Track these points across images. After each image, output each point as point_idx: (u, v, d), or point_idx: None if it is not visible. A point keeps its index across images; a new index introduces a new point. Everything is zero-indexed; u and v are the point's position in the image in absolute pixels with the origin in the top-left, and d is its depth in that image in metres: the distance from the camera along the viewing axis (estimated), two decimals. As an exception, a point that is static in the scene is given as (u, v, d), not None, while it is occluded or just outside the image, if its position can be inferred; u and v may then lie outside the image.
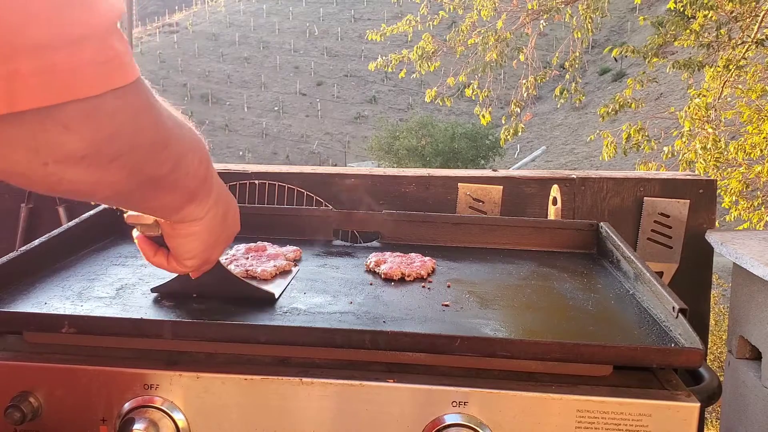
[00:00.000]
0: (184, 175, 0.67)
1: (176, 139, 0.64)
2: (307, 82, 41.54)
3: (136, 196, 0.65)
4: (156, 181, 0.64)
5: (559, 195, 1.58)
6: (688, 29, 5.90)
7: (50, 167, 0.51)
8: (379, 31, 6.99)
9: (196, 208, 0.74)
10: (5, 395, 0.86)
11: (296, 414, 0.85)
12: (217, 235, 0.80)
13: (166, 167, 0.63)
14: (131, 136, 0.56)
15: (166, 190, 0.67)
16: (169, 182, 0.66)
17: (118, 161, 0.56)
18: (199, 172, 0.69)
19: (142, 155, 0.59)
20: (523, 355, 0.86)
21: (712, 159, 5.33)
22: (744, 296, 1.61)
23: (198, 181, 0.70)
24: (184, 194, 0.71)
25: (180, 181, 0.67)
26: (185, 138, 0.66)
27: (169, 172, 0.64)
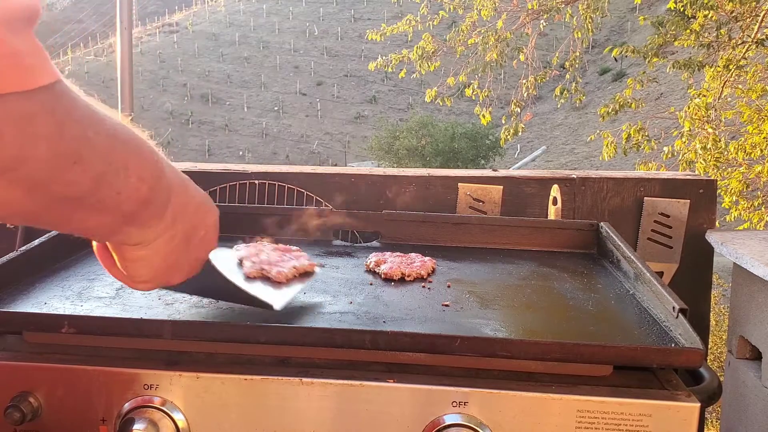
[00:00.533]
0: (113, 195, 0.59)
1: (98, 153, 0.55)
2: (307, 82, 41.55)
3: (49, 217, 0.58)
4: (72, 201, 0.56)
5: (559, 195, 1.58)
6: (688, 29, 5.90)
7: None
8: (379, 31, 6.99)
9: (138, 231, 0.66)
10: (5, 395, 0.86)
11: (296, 414, 0.85)
12: (175, 259, 0.72)
13: (83, 186, 0.55)
14: (18, 148, 0.48)
15: (89, 212, 0.59)
16: (91, 203, 0.57)
17: (4, 176, 0.49)
18: (138, 192, 0.61)
19: (42, 170, 0.51)
20: (523, 355, 0.86)
21: (712, 159, 5.33)
22: (744, 296, 1.61)
23: (136, 202, 0.62)
24: (117, 217, 0.62)
25: (107, 202, 0.59)
26: (115, 152, 0.58)
27: (89, 192, 0.56)
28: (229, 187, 1.71)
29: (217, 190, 1.70)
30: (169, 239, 0.69)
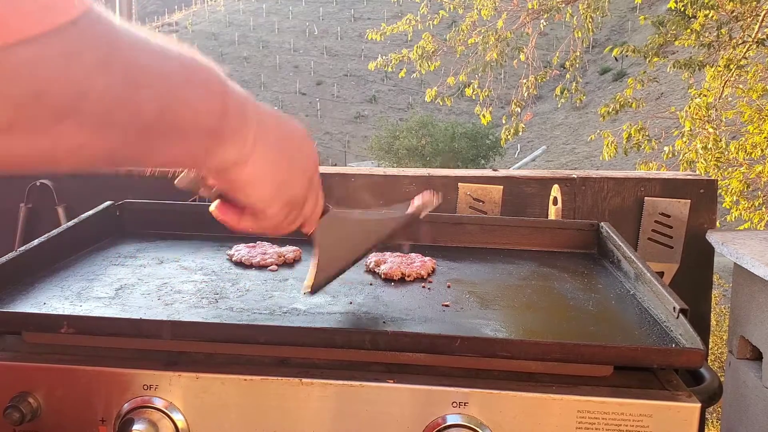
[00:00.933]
0: (188, 114, 0.56)
1: (156, 74, 0.53)
2: (306, 82, 41.55)
3: (129, 154, 0.55)
4: (146, 131, 0.53)
5: (559, 195, 1.58)
6: (688, 29, 5.90)
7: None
8: (379, 31, 6.99)
9: (231, 148, 0.63)
10: (4, 395, 0.86)
11: (296, 414, 0.85)
12: (286, 167, 0.69)
13: (151, 110, 0.52)
14: (73, 85, 0.46)
15: (168, 138, 0.56)
16: (166, 128, 0.55)
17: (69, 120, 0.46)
18: (211, 105, 0.59)
19: (103, 104, 0.48)
20: (524, 355, 0.86)
21: (712, 159, 5.33)
22: (745, 296, 1.61)
23: (214, 117, 0.59)
24: (202, 137, 0.59)
25: (183, 123, 0.56)
26: (173, 70, 0.55)
27: (160, 115, 0.53)
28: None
29: (217, 190, 1.70)
30: (266, 149, 0.66)
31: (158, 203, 1.49)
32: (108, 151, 0.52)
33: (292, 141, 0.71)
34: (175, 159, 0.62)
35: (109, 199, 1.43)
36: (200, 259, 1.25)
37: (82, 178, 1.83)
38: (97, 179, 1.83)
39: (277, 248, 1.28)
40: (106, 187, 1.80)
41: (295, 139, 0.72)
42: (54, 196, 1.80)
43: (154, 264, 1.21)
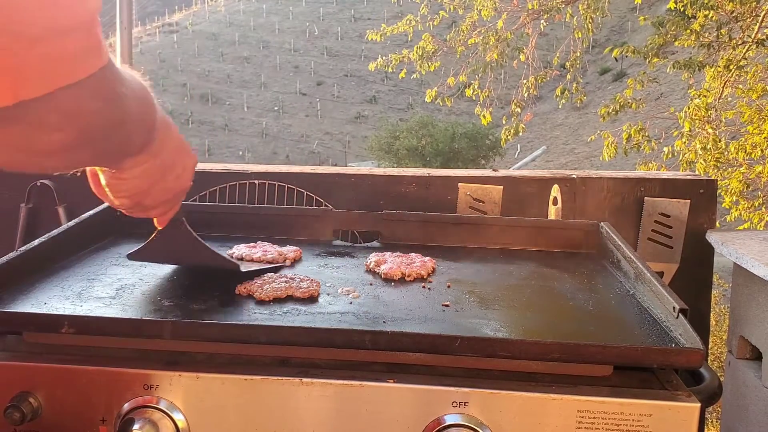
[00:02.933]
0: (130, 143, 0.74)
1: (130, 114, 0.68)
2: (307, 82, 41.54)
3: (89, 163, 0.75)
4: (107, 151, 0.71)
5: (559, 195, 1.58)
6: (688, 29, 5.90)
7: (35, 159, 0.59)
8: (379, 31, 6.99)
9: (131, 161, 0.79)
10: (5, 395, 0.86)
11: (296, 414, 0.85)
12: (150, 184, 0.84)
13: (119, 140, 0.70)
14: (103, 124, 0.62)
15: (112, 156, 0.74)
16: (117, 150, 0.73)
17: (89, 145, 0.63)
18: (142, 138, 0.75)
19: (107, 135, 0.65)
20: (524, 355, 0.86)
21: (712, 159, 5.33)
22: (744, 296, 1.61)
23: (138, 146, 0.76)
24: (124, 155, 0.77)
25: (124, 148, 0.74)
26: (139, 110, 0.71)
27: (121, 144, 0.71)
28: (229, 187, 1.71)
29: (217, 190, 1.70)
30: (148, 168, 0.81)
31: (158, 203, 1.49)
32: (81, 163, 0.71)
33: (177, 169, 0.87)
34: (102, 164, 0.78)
35: (110, 200, 1.43)
36: (200, 259, 1.25)
37: (83, 178, 1.84)
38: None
39: (277, 247, 1.28)
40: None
41: (175, 170, 0.87)
42: (54, 197, 1.80)
43: (155, 264, 1.21)
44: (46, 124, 0.55)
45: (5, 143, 0.55)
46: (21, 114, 0.52)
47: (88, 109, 0.58)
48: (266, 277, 1.10)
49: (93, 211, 1.37)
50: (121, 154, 0.76)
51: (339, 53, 43.36)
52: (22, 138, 0.55)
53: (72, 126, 0.58)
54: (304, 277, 1.11)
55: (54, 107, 0.54)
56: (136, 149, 0.77)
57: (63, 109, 0.55)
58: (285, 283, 1.07)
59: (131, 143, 0.75)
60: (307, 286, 1.06)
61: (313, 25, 45.83)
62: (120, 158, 0.77)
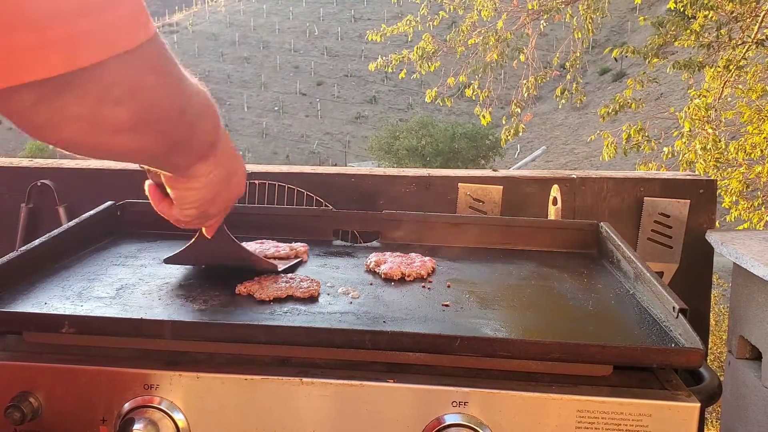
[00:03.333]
0: (198, 139, 0.74)
1: (193, 105, 0.69)
2: (307, 82, 41.53)
3: (162, 158, 0.73)
4: (177, 144, 0.71)
5: (559, 195, 1.58)
6: (688, 29, 5.90)
7: (104, 137, 0.59)
8: (380, 32, 6.99)
9: (201, 166, 0.81)
10: (5, 395, 0.86)
11: (296, 414, 0.85)
12: (216, 192, 0.87)
13: (184, 132, 0.70)
14: (164, 104, 0.63)
15: (182, 153, 0.74)
16: (184, 145, 0.73)
17: (154, 128, 0.64)
18: (210, 137, 0.77)
19: (171, 121, 0.66)
20: (523, 355, 0.86)
21: (712, 159, 5.33)
22: (744, 296, 1.61)
23: (207, 145, 0.77)
24: (195, 156, 0.78)
25: (194, 145, 0.75)
26: (200, 104, 0.72)
27: (186, 137, 0.71)
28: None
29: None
30: (215, 176, 0.84)
31: (159, 203, 1.49)
32: (151, 155, 0.70)
33: (237, 176, 0.90)
34: (171, 166, 0.79)
35: (110, 200, 1.43)
36: (201, 259, 1.26)
37: (83, 178, 1.84)
38: (97, 180, 1.83)
39: (284, 244, 1.29)
40: (106, 187, 1.80)
41: (234, 177, 0.90)
42: (55, 197, 1.80)
43: (155, 264, 1.21)
44: (107, 96, 0.56)
45: (70, 114, 0.56)
46: (81, 82, 0.53)
47: (146, 83, 0.59)
48: (266, 277, 1.10)
49: (93, 211, 1.37)
50: (190, 153, 0.76)
51: (339, 53, 43.35)
52: (85, 108, 0.56)
53: (133, 100, 0.58)
54: (304, 277, 1.11)
55: (112, 78, 0.55)
56: (204, 149, 0.78)
57: (121, 80, 0.56)
58: (285, 283, 1.07)
59: (198, 141, 0.75)
60: (307, 286, 1.07)
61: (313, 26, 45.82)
62: (190, 159, 0.78)
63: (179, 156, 0.75)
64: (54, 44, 0.50)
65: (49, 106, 0.54)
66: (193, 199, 0.86)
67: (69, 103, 0.55)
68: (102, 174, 1.83)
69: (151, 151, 0.68)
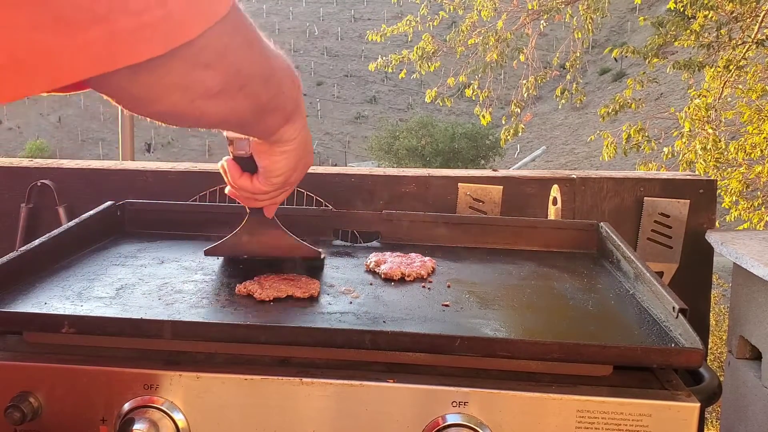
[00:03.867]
0: (284, 98, 0.75)
1: (277, 66, 0.71)
2: (307, 82, 41.49)
3: (252, 121, 0.74)
4: (265, 106, 0.72)
5: (559, 195, 1.58)
6: (688, 29, 5.90)
7: (196, 103, 0.61)
8: (380, 32, 6.99)
9: (289, 128, 0.82)
10: (5, 395, 0.86)
11: (296, 414, 0.85)
12: (300, 157, 0.88)
13: (272, 92, 0.72)
14: (250, 67, 0.65)
15: (270, 114, 0.76)
16: (273, 106, 0.74)
17: (243, 91, 0.65)
18: (293, 94, 0.77)
19: (258, 84, 0.67)
20: (524, 355, 0.86)
21: (712, 159, 5.33)
22: (744, 296, 1.61)
23: (293, 103, 0.78)
24: (283, 116, 0.79)
25: (280, 104, 0.75)
26: (281, 64, 0.73)
27: (273, 97, 0.72)
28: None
29: (217, 191, 1.70)
30: (303, 138, 0.85)
31: (159, 203, 1.49)
32: (241, 119, 0.71)
33: (310, 145, 0.91)
34: (261, 130, 0.80)
35: (110, 200, 1.43)
36: (201, 258, 1.26)
37: (83, 178, 1.84)
38: (97, 180, 1.84)
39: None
40: (106, 187, 1.80)
41: (310, 139, 0.90)
42: (55, 197, 1.80)
43: (155, 264, 1.21)
44: (197, 62, 0.57)
45: (167, 83, 0.57)
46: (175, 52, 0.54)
47: (233, 45, 0.60)
48: (266, 277, 1.10)
49: (93, 211, 1.37)
50: (278, 114, 0.77)
51: (339, 53, 43.36)
52: (178, 76, 0.57)
53: (222, 63, 0.59)
54: (304, 277, 1.11)
55: (203, 44, 0.56)
56: (290, 110, 0.78)
57: (211, 46, 0.57)
58: (285, 283, 1.07)
59: (284, 101, 0.76)
60: (307, 286, 1.07)
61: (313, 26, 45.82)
62: (279, 120, 0.79)
63: (269, 118, 0.77)
64: (152, 25, 0.51)
65: (147, 78, 0.55)
66: (282, 166, 0.88)
67: (165, 73, 0.56)
68: (102, 174, 1.83)
69: (242, 115, 0.69)
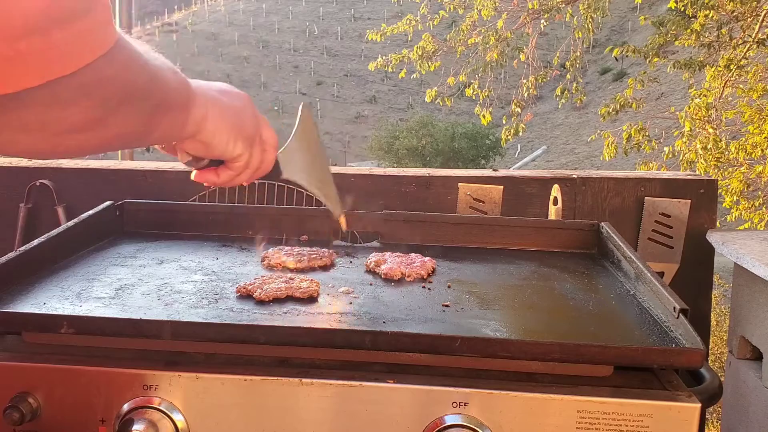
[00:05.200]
0: (173, 94, 0.74)
1: (156, 68, 0.69)
2: (306, 82, 41.53)
3: (146, 131, 0.72)
4: (155, 108, 0.70)
5: (559, 195, 1.57)
6: (688, 29, 5.89)
7: (61, 137, 0.58)
8: (379, 31, 6.98)
9: (197, 112, 0.80)
10: (4, 395, 0.86)
11: (296, 414, 0.85)
12: (234, 114, 0.86)
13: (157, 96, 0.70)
14: (126, 88, 0.62)
15: (165, 114, 0.74)
16: (163, 107, 0.72)
17: (119, 112, 0.62)
18: (179, 81, 0.75)
19: (139, 96, 0.65)
20: (524, 355, 0.86)
21: (713, 159, 5.33)
22: (745, 296, 1.61)
23: (183, 89, 0.76)
24: (180, 106, 0.76)
25: (171, 101, 0.74)
26: (160, 64, 0.72)
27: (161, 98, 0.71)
28: (228, 188, 1.71)
29: (217, 190, 1.70)
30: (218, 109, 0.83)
31: (158, 203, 1.49)
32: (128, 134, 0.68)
33: (231, 95, 0.88)
34: (166, 131, 0.78)
35: (109, 200, 1.43)
36: (200, 258, 1.25)
37: (82, 178, 1.83)
38: (96, 180, 1.83)
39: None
40: (105, 187, 1.80)
41: (233, 94, 0.88)
42: (54, 196, 1.80)
43: (154, 264, 1.21)
44: (55, 102, 0.55)
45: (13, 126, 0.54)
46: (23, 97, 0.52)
47: (107, 75, 0.58)
48: (266, 277, 1.10)
49: (93, 211, 1.36)
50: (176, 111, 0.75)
51: (339, 53, 43.35)
52: (32, 117, 0.55)
53: (85, 99, 0.57)
54: (303, 277, 1.11)
55: (63, 85, 0.54)
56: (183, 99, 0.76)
57: (80, 83, 0.55)
58: (285, 283, 1.07)
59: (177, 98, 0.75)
60: (307, 286, 1.06)
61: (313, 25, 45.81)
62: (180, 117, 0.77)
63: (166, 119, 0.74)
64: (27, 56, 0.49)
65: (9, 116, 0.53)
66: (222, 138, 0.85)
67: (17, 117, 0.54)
68: (101, 174, 1.83)
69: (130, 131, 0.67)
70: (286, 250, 1.27)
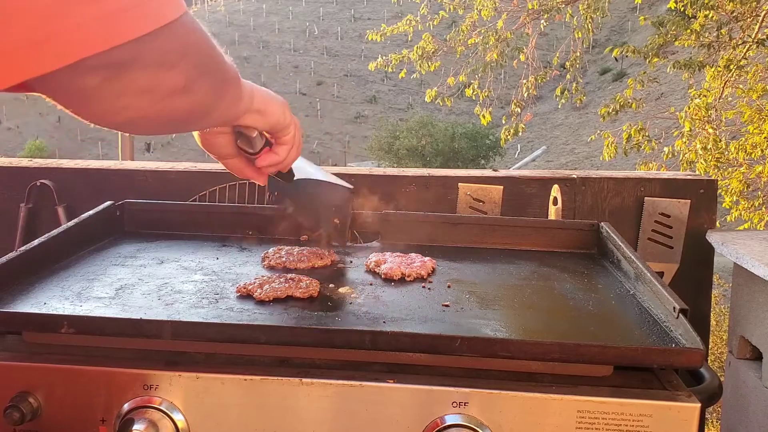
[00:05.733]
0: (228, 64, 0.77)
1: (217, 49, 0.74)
2: (306, 82, 41.55)
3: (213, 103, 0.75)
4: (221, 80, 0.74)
5: (559, 195, 1.58)
6: (688, 29, 5.89)
7: (163, 102, 0.64)
8: (379, 31, 6.99)
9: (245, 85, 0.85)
10: (4, 395, 0.86)
11: (296, 414, 0.85)
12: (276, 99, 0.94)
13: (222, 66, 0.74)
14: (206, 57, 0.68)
15: (227, 84, 0.77)
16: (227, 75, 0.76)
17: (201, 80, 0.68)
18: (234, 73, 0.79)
19: (214, 67, 0.71)
20: (524, 355, 0.86)
21: (712, 159, 5.33)
22: (745, 296, 1.61)
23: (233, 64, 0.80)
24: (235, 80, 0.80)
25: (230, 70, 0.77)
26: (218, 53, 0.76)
27: (225, 66, 0.75)
28: (228, 187, 1.71)
29: (217, 190, 1.70)
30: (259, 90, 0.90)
31: (158, 203, 1.49)
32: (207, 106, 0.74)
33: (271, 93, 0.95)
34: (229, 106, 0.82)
35: (109, 200, 1.43)
36: (200, 258, 1.26)
37: (83, 178, 1.84)
38: (97, 180, 1.83)
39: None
40: (106, 187, 1.80)
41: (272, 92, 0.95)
42: (54, 196, 1.80)
43: (155, 264, 1.21)
44: (162, 63, 0.60)
45: (130, 89, 0.59)
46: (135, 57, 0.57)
47: (190, 42, 0.64)
48: (266, 277, 1.10)
49: (93, 211, 1.36)
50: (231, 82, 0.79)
51: (339, 53, 43.36)
52: (145, 79, 0.60)
53: (184, 61, 0.63)
54: (303, 277, 1.11)
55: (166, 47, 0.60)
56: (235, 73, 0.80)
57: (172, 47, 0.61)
58: (285, 283, 1.07)
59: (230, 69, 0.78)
60: (307, 285, 1.06)
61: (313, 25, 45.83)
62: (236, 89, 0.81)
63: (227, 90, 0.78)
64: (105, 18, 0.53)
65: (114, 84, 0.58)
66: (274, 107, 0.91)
67: (130, 79, 0.59)
68: (101, 174, 1.83)
69: (204, 104, 0.72)
70: (287, 249, 1.27)
